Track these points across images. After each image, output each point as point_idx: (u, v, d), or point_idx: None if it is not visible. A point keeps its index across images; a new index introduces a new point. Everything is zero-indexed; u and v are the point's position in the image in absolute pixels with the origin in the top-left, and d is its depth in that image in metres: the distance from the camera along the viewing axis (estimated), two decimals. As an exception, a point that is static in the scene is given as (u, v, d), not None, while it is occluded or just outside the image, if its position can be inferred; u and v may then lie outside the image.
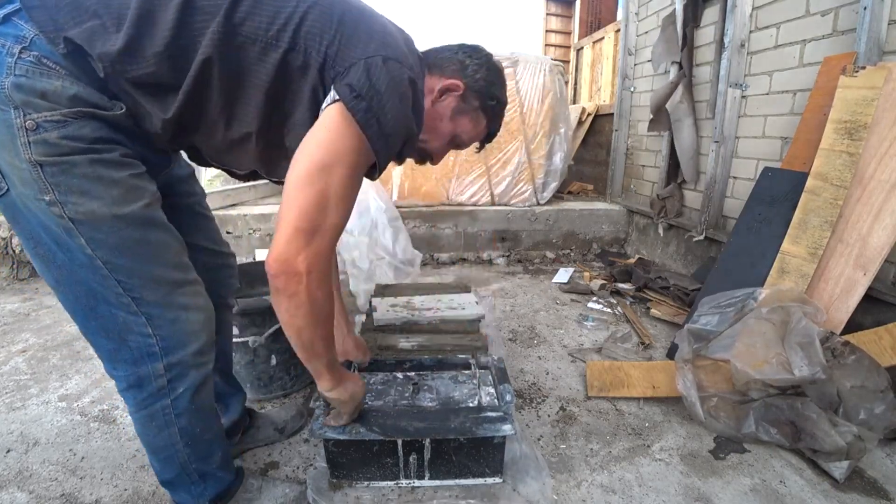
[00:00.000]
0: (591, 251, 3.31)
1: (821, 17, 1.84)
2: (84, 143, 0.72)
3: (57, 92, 0.70)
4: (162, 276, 0.81)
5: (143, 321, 0.80)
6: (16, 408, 1.46)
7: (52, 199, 0.71)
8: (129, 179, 0.77)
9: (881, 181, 1.47)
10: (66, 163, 0.71)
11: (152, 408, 0.85)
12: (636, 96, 3.31)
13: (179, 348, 0.84)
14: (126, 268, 0.77)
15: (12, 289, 2.57)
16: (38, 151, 0.69)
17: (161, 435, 0.87)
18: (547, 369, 1.72)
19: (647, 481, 1.17)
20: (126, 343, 0.81)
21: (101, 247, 0.75)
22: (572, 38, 5.99)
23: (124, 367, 0.83)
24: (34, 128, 0.69)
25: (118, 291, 0.78)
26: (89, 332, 0.82)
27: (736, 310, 1.42)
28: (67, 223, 0.73)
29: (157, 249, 0.81)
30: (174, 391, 0.85)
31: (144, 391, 0.84)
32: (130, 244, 0.77)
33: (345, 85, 0.74)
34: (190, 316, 0.85)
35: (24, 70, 0.68)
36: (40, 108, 0.69)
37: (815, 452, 1.20)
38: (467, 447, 1.10)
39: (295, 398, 1.52)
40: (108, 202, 0.74)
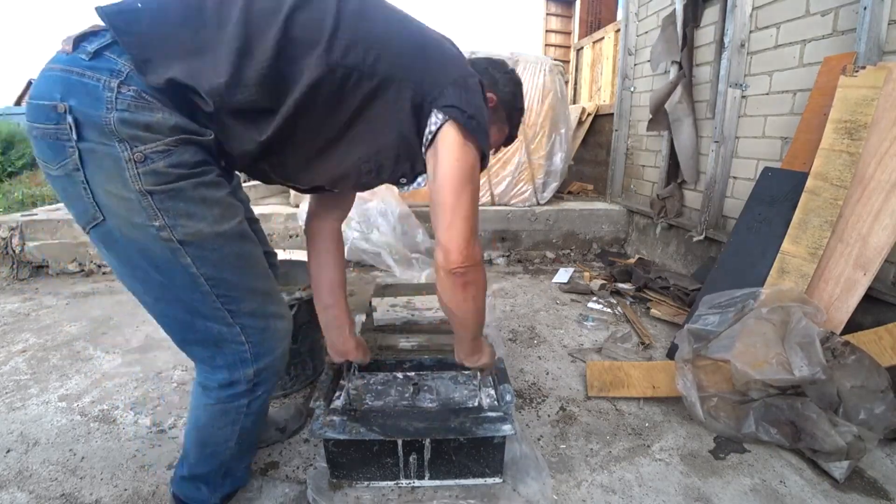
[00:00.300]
0: (591, 251, 3.31)
1: (821, 17, 1.84)
2: (187, 168, 0.76)
3: (160, 123, 0.73)
4: (257, 286, 0.88)
5: (237, 331, 0.85)
6: (16, 408, 1.46)
7: (161, 224, 0.75)
8: (226, 198, 0.82)
9: (881, 181, 1.47)
10: (174, 189, 0.75)
11: (230, 405, 0.90)
12: (636, 96, 3.31)
13: (268, 354, 0.90)
14: (227, 281, 0.82)
15: (12, 289, 2.57)
16: (148, 181, 0.73)
17: (224, 430, 0.92)
18: (547, 369, 1.72)
19: (647, 481, 1.17)
20: (221, 351, 0.86)
21: (206, 264, 0.80)
22: (572, 38, 5.99)
23: (220, 371, 0.88)
24: (142, 159, 0.72)
25: (216, 306, 0.82)
26: (186, 343, 0.88)
27: (736, 310, 1.42)
28: (175, 245, 0.77)
29: (251, 262, 0.87)
30: (254, 393, 0.91)
31: (231, 391, 0.89)
32: (231, 259, 0.83)
33: (450, 107, 0.82)
34: (278, 324, 0.91)
35: (126, 105, 0.71)
36: (146, 140, 0.72)
37: (815, 452, 1.20)
38: (467, 447, 1.10)
39: (295, 398, 1.52)
40: (211, 222, 0.79)
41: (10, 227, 2.73)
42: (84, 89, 0.70)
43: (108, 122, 0.70)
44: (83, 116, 0.70)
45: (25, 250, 2.75)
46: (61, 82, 0.71)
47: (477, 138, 0.84)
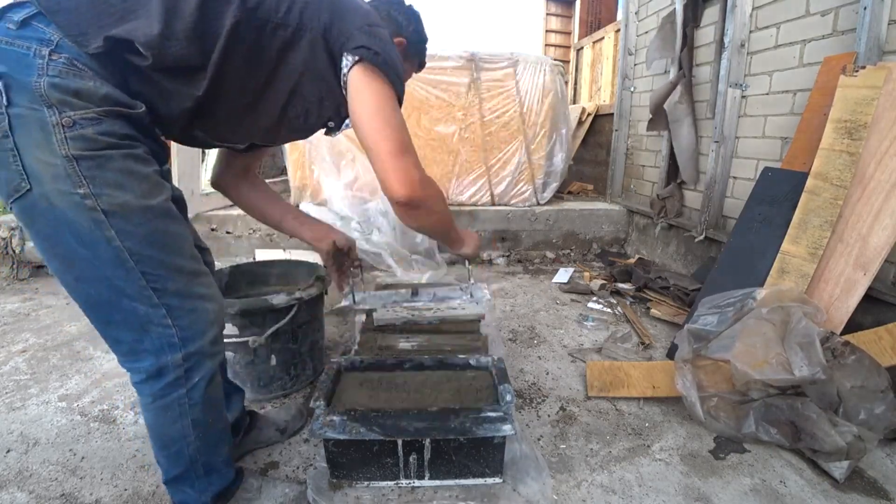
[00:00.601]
0: (591, 251, 3.31)
1: (821, 17, 1.85)
2: (116, 138, 0.76)
3: (90, 91, 0.73)
4: (183, 266, 0.86)
5: (163, 313, 0.83)
6: (16, 408, 1.46)
7: (86, 192, 0.74)
8: (153, 175, 0.82)
9: (881, 181, 1.47)
10: (101, 156, 0.74)
11: (168, 398, 0.87)
12: (636, 96, 3.31)
13: (197, 338, 0.87)
14: (152, 258, 0.81)
15: (12, 289, 2.57)
16: (75, 146, 0.72)
17: (175, 426, 0.90)
18: (547, 369, 1.72)
19: (647, 481, 1.17)
20: (148, 334, 0.83)
21: (130, 238, 0.78)
22: (572, 38, 5.99)
23: (146, 357, 0.85)
24: (70, 124, 0.72)
25: (142, 284, 0.80)
26: (110, 326, 0.85)
27: (736, 310, 1.42)
28: (99, 215, 0.75)
29: (178, 241, 0.86)
30: (190, 381, 0.88)
31: (162, 381, 0.86)
32: (157, 235, 0.81)
33: (359, 48, 0.86)
34: (207, 305, 0.89)
35: (57, 71, 0.71)
36: (76, 107, 0.72)
37: (815, 452, 1.20)
38: (467, 447, 1.10)
39: (295, 398, 1.52)
40: (138, 195, 0.78)
41: (10, 227, 2.73)
42: (14, 56, 0.70)
43: (38, 86, 0.70)
44: (13, 82, 0.70)
45: (25, 250, 2.75)
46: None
47: (388, 74, 0.88)
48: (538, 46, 6.21)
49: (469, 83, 3.03)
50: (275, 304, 1.37)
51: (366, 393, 1.22)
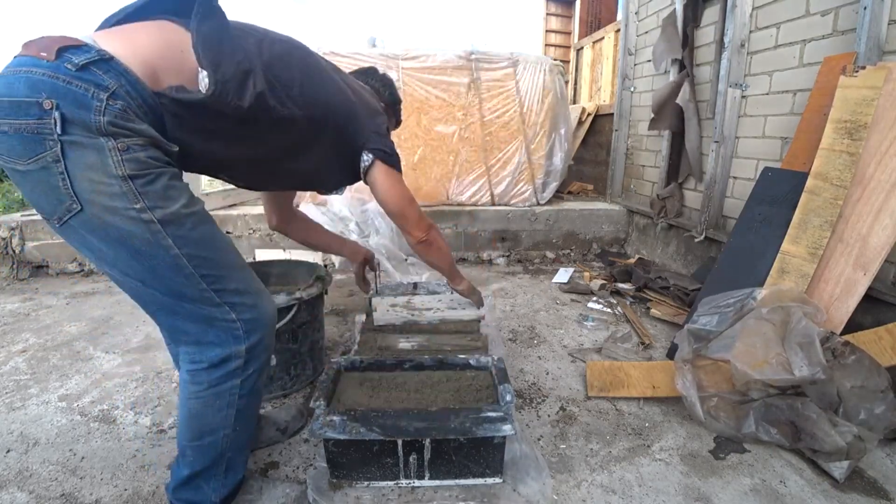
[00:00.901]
0: (591, 251, 3.31)
1: (821, 17, 1.84)
2: (160, 163, 0.85)
3: (140, 129, 0.81)
4: (239, 263, 0.95)
5: (226, 309, 0.90)
6: (16, 408, 1.46)
7: (142, 207, 0.81)
8: (188, 188, 0.91)
9: (881, 181, 1.47)
10: (152, 174, 0.82)
11: (222, 387, 0.92)
12: (636, 96, 3.31)
13: (259, 330, 0.94)
14: (210, 260, 0.88)
15: (12, 289, 2.57)
16: (130, 167, 0.80)
17: (220, 414, 0.94)
18: (547, 369, 1.72)
19: (647, 481, 1.17)
20: (213, 327, 0.90)
21: (187, 243, 0.85)
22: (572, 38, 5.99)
23: (212, 348, 0.91)
24: (125, 149, 0.79)
25: (202, 287, 0.87)
26: (176, 321, 0.90)
27: (736, 310, 1.42)
28: (156, 226, 0.82)
29: (227, 242, 0.94)
30: (246, 371, 0.93)
31: (223, 370, 0.91)
32: (209, 237, 0.89)
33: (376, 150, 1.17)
34: (265, 300, 0.97)
35: (115, 114, 0.78)
36: (129, 136, 0.80)
37: (815, 452, 1.20)
38: (467, 447, 1.10)
39: (295, 398, 1.52)
40: (185, 204, 0.86)
41: (10, 227, 2.73)
42: (72, 95, 0.75)
43: (97, 122, 0.76)
44: (71, 115, 0.75)
45: (25, 250, 2.75)
46: (47, 86, 0.74)
47: (396, 165, 1.21)
48: (538, 46, 6.20)
49: (469, 83, 3.03)
50: (275, 304, 1.37)
51: (366, 393, 1.22)
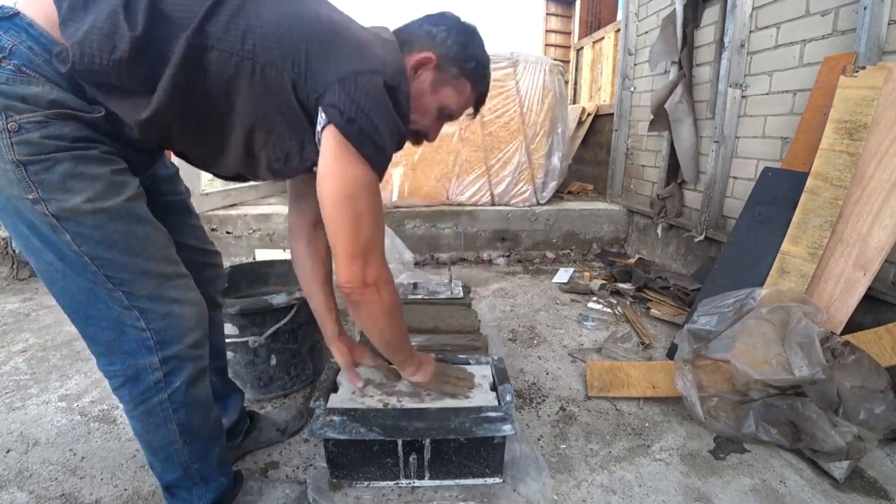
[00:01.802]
0: (591, 251, 3.31)
1: (821, 17, 1.84)
2: (65, 141, 0.73)
3: (36, 96, 0.71)
4: (150, 269, 0.82)
5: (136, 315, 0.81)
6: (16, 408, 1.46)
7: (35, 198, 0.73)
8: (110, 175, 0.78)
9: (881, 181, 1.47)
10: (48, 160, 0.72)
11: (149, 403, 0.85)
12: (636, 96, 3.31)
13: (174, 342, 0.84)
14: (113, 262, 0.79)
15: (12, 289, 2.57)
16: (20, 151, 0.71)
17: (159, 432, 0.87)
18: (547, 369, 1.72)
19: (647, 481, 1.17)
20: (124, 335, 0.82)
21: (87, 242, 0.76)
22: (572, 38, 5.99)
23: (121, 359, 0.83)
24: (16, 129, 0.71)
25: (109, 287, 0.79)
26: (87, 326, 0.83)
27: (735, 310, 1.42)
28: (52, 220, 0.74)
29: (143, 243, 0.82)
30: (171, 384, 0.85)
31: (141, 385, 0.84)
32: (116, 238, 0.78)
33: (331, 107, 0.76)
34: (183, 309, 0.85)
35: (5, 78, 0.70)
36: (21, 111, 0.71)
37: (815, 452, 1.20)
38: (467, 447, 1.10)
39: (295, 398, 1.52)
40: (90, 197, 0.75)
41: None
42: None
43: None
44: None
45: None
46: None
47: (362, 147, 0.78)
48: (538, 46, 6.20)
49: (469, 83, 3.02)
50: (275, 304, 1.37)
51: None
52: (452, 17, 0.96)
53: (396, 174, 3.09)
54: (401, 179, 3.10)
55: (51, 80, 0.72)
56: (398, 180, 3.10)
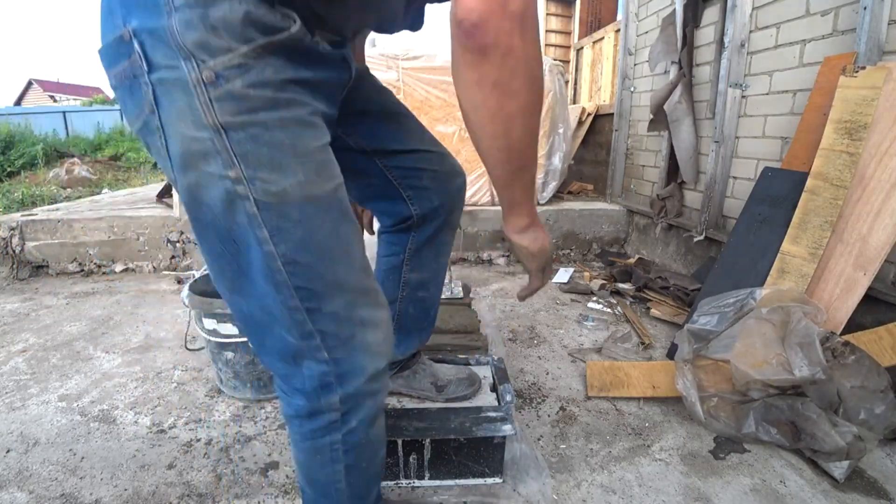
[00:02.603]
0: (591, 251, 3.31)
1: (821, 17, 1.84)
2: (270, 90, 0.55)
3: (227, 19, 0.52)
4: (347, 280, 0.66)
5: (317, 343, 0.66)
6: (16, 408, 1.46)
7: (237, 175, 0.55)
8: (319, 152, 0.61)
9: (881, 181, 1.47)
10: (255, 124, 0.55)
11: (319, 442, 0.72)
12: (636, 96, 3.31)
13: (356, 375, 0.69)
14: (309, 268, 0.62)
15: (12, 289, 2.57)
16: (223, 110, 0.54)
17: (323, 471, 0.75)
18: (547, 369, 1.72)
19: (647, 481, 1.17)
20: (300, 369, 0.68)
21: (286, 240, 0.59)
22: (572, 38, 5.99)
23: (297, 397, 0.70)
24: (213, 79, 0.53)
25: (293, 304, 0.63)
26: (263, 351, 0.70)
27: (736, 310, 1.42)
28: (252, 207, 0.57)
29: (347, 246, 0.65)
30: (346, 425, 0.71)
31: (314, 423, 0.71)
32: (320, 237, 0.61)
33: None
34: (368, 336, 0.69)
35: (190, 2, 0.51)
36: (215, 51, 0.52)
37: (815, 452, 1.20)
38: (467, 447, 1.10)
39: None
40: (300, 180, 0.58)
41: (10, 227, 2.73)
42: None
43: (170, 29, 0.51)
44: (148, 36, 0.53)
45: (25, 250, 2.75)
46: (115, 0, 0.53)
47: None
48: (538, 46, 6.19)
49: (469, 83, 3.02)
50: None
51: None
52: None
53: (396, 174, 3.08)
54: (401, 179, 3.10)
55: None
56: (398, 180, 3.09)
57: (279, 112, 0.56)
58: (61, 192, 5.26)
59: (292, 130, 0.57)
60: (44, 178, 6.89)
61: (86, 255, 2.82)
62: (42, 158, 7.83)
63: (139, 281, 2.71)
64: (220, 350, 1.42)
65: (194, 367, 1.71)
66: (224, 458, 1.23)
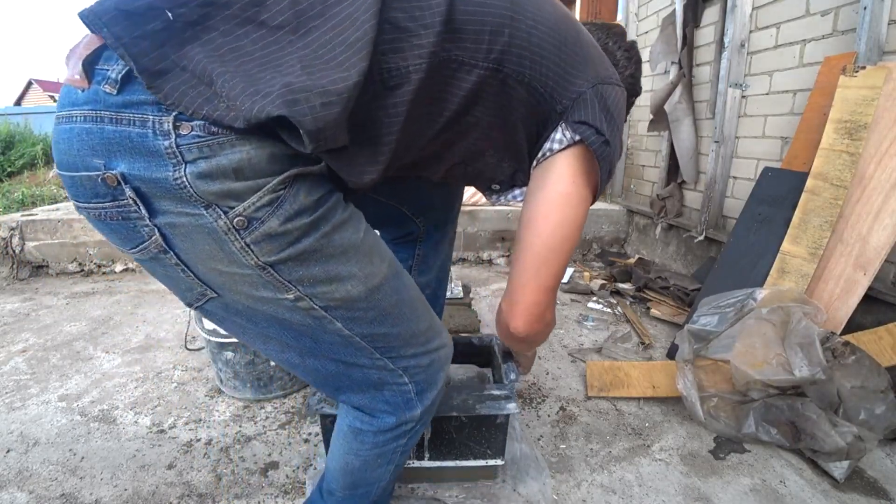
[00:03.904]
0: (591, 251, 3.31)
1: (821, 17, 1.84)
2: (309, 214, 0.54)
3: (252, 162, 0.49)
4: (417, 329, 0.71)
5: (398, 373, 0.71)
6: (16, 408, 1.46)
7: (297, 296, 0.58)
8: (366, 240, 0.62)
9: (881, 181, 1.47)
10: (301, 253, 0.55)
11: (387, 447, 0.77)
12: (636, 96, 3.30)
13: (432, 388, 0.76)
14: (386, 335, 0.67)
15: (12, 289, 2.57)
16: (263, 251, 0.53)
17: (379, 471, 0.80)
18: (547, 369, 1.72)
19: (647, 481, 1.17)
20: (381, 393, 0.73)
21: (359, 324, 0.64)
22: (572, 38, 5.98)
23: (382, 416, 0.75)
24: (244, 225, 0.51)
25: (374, 357, 0.68)
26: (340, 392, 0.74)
27: (736, 310, 1.42)
28: (318, 312, 0.61)
29: (410, 304, 0.70)
30: (417, 433, 0.79)
31: (392, 434, 0.76)
32: (388, 310, 0.66)
33: (584, 124, 0.61)
34: (441, 354, 0.77)
35: (198, 149, 0.48)
36: (241, 195, 0.50)
37: (815, 452, 1.20)
38: (469, 426, 1.07)
39: (295, 398, 1.52)
40: (359, 277, 0.60)
41: (10, 227, 2.73)
42: (129, 143, 0.48)
43: (181, 183, 0.48)
44: (145, 184, 0.49)
45: (25, 250, 2.75)
46: (94, 138, 0.48)
47: (601, 168, 0.64)
48: (538, 46, 6.19)
49: (469, 83, 3.02)
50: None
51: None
52: (630, 41, 0.84)
53: (396, 174, 3.08)
54: (401, 179, 3.09)
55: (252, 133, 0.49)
56: (398, 180, 3.09)
57: (321, 230, 0.56)
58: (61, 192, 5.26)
59: (335, 239, 0.58)
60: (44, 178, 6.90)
61: (86, 254, 2.82)
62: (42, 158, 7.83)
63: (139, 281, 2.71)
64: (220, 350, 1.42)
65: (194, 367, 1.71)
66: (224, 458, 1.23)
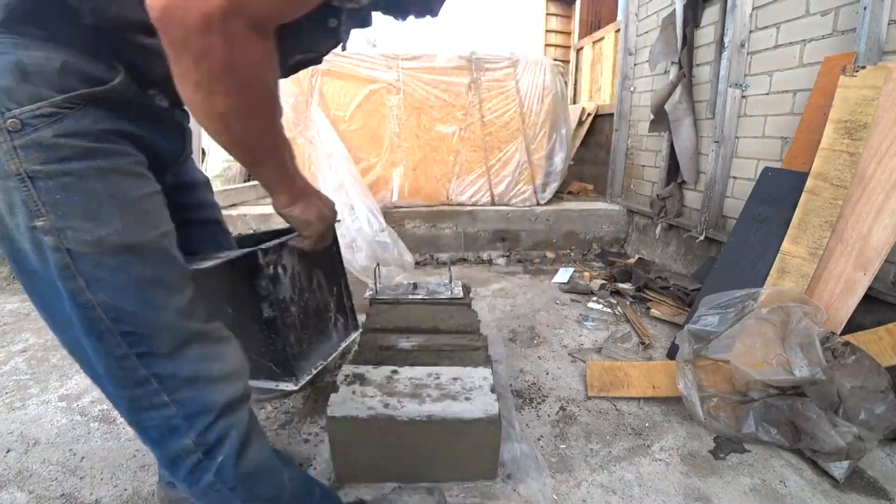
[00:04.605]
0: (591, 251, 3.31)
1: (821, 17, 1.84)
2: (87, 140, 0.54)
3: (42, 67, 0.51)
4: (175, 324, 0.63)
5: (154, 388, 0.62)
6: (16, 408, 1.46)
7: (46, 226, 0.53)
8: (144, 200, 0.60)
9: (881, 181, 1.47)
10: (67, 174, 0.53)
11: (199, 486, 0.68)
12: (636, 96, 3.31)
13: (206, 412, 0.65)
14: (133, 316, 0.59)
15: (12, 289, 2.57)
16: (28, 159, 0.51)
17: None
18: (547, 369, 1.72)
19: (647, 481, 1.17)
20: (143, 413, 0.64)
21: (104, 288, 0.57)
22: (572, 38, 5.99)
23: (151, 448, 0.67)
24: (18, 127, 0.50)
25: (122, 352, 0.60)
26: (110, 398, 0.68)
27: (736, 310, 1.42)
28: (64, 257, 0.54)
29: (171, 292, 0.63)
30: (214, 462, 0.66)
31: (181, 469, 0.67)
32: (141, 284, 0.59)
33: None
34: (212, 367, 0.66)
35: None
36: (22, 98, 0.51)
37: (815, 452, 1.20)
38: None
39: (294, 398, 1.52)
40: (117, 229, 0.56)
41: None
42: None
43: None
44: None
45: (25, 250, 2.75)
46: None
47: None
48: (538, 46, 6.19)
49: (469, 83, 3.03)
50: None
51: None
52: None
53: (396, 174, 3.08)
54: (401, 179, 3.10)
55: (52, 37, 0.51)
56: (398, 180, 3.10)
57: (96, 161, 0.54)
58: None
59: (110, 180, 0.56)
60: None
61: (86, 255, 2.82)
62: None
63: (139, 281, 2.71)
64: (220, 350, 1.42)
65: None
66: (224, 458, 1.23)
